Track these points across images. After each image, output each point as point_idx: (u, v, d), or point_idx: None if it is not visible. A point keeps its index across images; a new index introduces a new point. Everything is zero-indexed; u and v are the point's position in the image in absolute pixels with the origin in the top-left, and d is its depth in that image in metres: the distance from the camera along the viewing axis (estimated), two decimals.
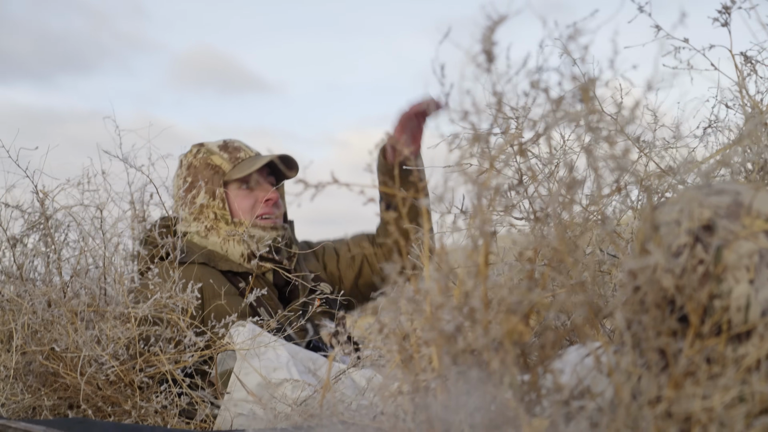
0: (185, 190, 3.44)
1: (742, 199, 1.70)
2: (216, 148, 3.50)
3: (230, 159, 3.46)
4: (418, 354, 1.79)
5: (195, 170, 3.46)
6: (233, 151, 3.49)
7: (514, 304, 1.65)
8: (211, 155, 3.47)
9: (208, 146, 3.52)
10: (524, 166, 1.84)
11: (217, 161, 3.45)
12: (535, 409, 1.66)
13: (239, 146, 3.52)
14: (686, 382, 1.59)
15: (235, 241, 3.39)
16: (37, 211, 3.14)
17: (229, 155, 3.47)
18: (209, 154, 3.48)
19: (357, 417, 2.07)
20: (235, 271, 3.37)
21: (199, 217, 3.42)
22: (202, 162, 3.46)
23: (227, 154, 3.47)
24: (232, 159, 3.46)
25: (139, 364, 2.85)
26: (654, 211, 1.71)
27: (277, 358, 2.79)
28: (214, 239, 3.40)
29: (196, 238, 3.42)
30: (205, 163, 3.46)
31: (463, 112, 1.73)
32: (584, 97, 1.72)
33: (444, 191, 1.75)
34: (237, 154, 3.48)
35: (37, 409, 2.86)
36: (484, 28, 1.68)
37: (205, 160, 3.47)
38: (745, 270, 1.64)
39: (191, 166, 3.47)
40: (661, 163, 2.64)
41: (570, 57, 1.74)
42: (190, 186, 3.44)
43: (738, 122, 2.80)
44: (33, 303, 2.90)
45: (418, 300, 1.77)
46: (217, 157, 3.46)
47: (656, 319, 1.61)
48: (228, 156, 3.47)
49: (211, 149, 3.50)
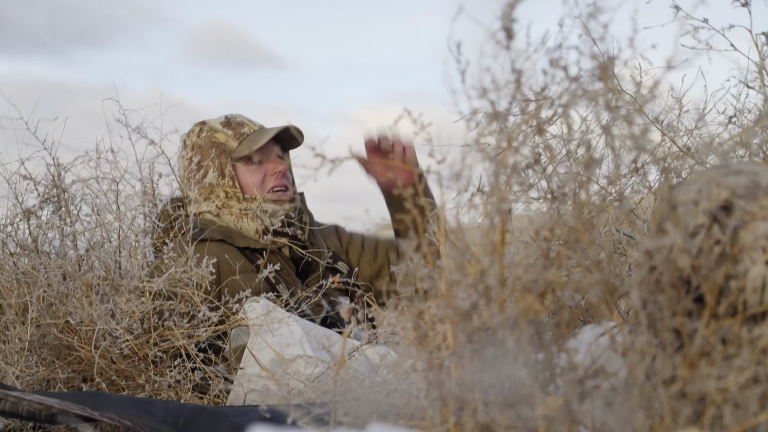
0: (190, 172, 3.42)
1: (760, 180, 1.69)
2: (219, 126, 3.47)
3: (235, 135, 3.44)
4: (432, 331, 1.79)
5: (200, 150, 3.43)
6: (237, 126, 3.47)
7: (529, 282, 1.65)
8: (215, 133, 3.45)
9: (210, 124, 3.49)
10: (542, 144, 1.83)
11: (221, 138, 3.43)
12: (549, 387, 1.67)
13: (242, 121, 3.49)
14: (701, 362, 1.59)
15: (248, 218, 3.37)
16: (52, 183, 3.15)
17: (233, 131, 3.45)
18: (213, 132, 3.46)
19: (370, 394, 2.08)
20: (252, 247, 3.36)
21: (210, 197, 3.40)
22: (206, 141, 3.44)
23: (231, 130, 3.45)
24: (236, 135, 3.44)
25: (153, 339, 2.87)
26: (671, 191, 1.70)
27: (291, 334, 2.80)
28: (227, 218, 3.39)
29: (209, 216, 3.41)
30: (210, 141, 3.44)
31: (481, 89, 1.73)
32: (603, 75, 1.71)
33: (461, 169, 1.75)
34: (241, 129, 3.46)
35: (51, 381, 2.88)
36: (504, 5, 1.67)
37: (209, 138, 3.45)
38: (761, 251, 1.63)
39: (196, 146, 3.44)
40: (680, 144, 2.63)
41: (589, 36, 1.73)
42: (198, 166, 3.42)
43: (758, 103, 2.79)
44: (48, 276, 2.91)
45: (434, 277, 1.78)
46: (222, 135, 3.44)
47: (672, 299, 1.61)
48: (232, 132, 3.44)
49: (215, 127, 3.47)
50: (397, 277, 1.89)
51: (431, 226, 1.85)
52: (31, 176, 3.18)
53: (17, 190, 3.17)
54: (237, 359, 2.89)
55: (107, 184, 3.15)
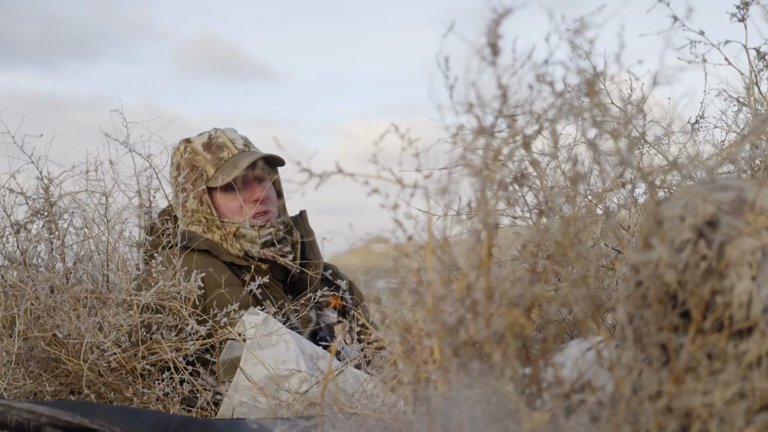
0: (176, 192, 3.41)
1: (746, 196, 1.70)
2: (200, 147, 3.44)
3: (213, 161, 3.41)
4: (419, 345, 1.79)
5: (183, 170, 3.43)
6: (216, 150, 3.43)
7: (516, 297, 1.65)
8: (195, 156, 3.43)
9: (193, 145, 3.46)
10: (528, 159, 1.83)
11: (200, 162, 3.41)
12: (535, 402, 1.67)
13: (223, 143, 3.45)
14: (687, 377, 1.59)
15: (228, 244, 3.35)
16: (41, 197, 3.15)
17: (212, 156, 3.42)
18: (194, 155, 3.44)
19: (358, 407, 2.08)
20: (237, 263, 3.35)
21: (193, 221, 3.39)
22: (188, 163, 3.43)
23: (210, 154, 3.42)
24: (214, 160, 3.41)
25: (141, 352, 2.86)
26: (658, 206, 1.71)
27: (287, 350, 2.79)
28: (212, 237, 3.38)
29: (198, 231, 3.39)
30: (191, 164, 3.42)
31: (467, 104, 1.73)
32: (590, 90, 1.72)
33: (448, 183, 1.75)
34: (220, 154, 3.42)
35: (39, 394, 2.87)
36: (490, 21, 1.68)
37: (190, 161, 3.43)
38: (747, 266, 1.64)
39: (179, 166, 3.44)
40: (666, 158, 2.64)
41: (576, 51, 1.74)
42: (181, 187, 3.40)
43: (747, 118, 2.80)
44: (36, 289, 2.91)
45: (421, 291, 1.78)
46: (201, 158, 3.42)
47: (658, 314, 1.61)
48: (211, 157, 3.41)
49: (196, 149, 3.45)
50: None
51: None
52: (21, 190, 3.18)
53: (6, 203, 3.16)
54: (226, 372, 2.89)
55: (96, 197, 3.14)
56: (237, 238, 3.34)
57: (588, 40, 1.72)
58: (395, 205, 1.81)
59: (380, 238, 1.86)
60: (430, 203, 1.80)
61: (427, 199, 1.78)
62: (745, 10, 2.50)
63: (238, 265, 3.35)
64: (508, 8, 1.66)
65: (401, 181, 1.80)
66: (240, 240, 3.34)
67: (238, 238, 3.34)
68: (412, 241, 1.83)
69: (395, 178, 1.79)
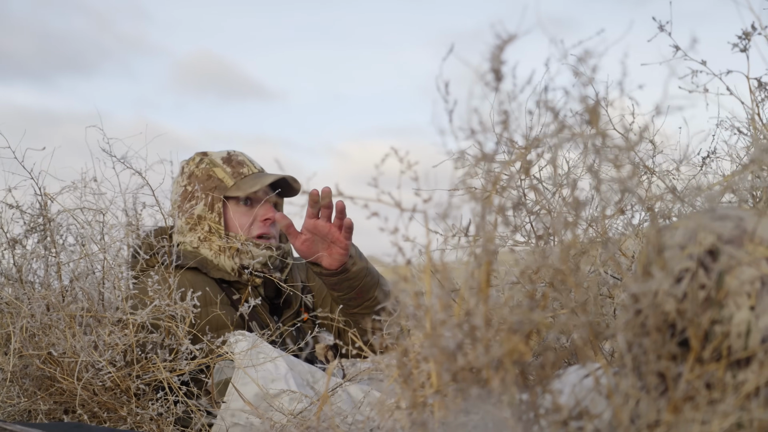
0: (183, 199, 3.41)
1: (746, 225, 1.70)
2: (219, 160, 3.45)
3: (233, 174, 3.41)
4: (417, 370, 1.79)
5: (196, 180, 3.41)
6: (237, 165, 3.44)
7: (515, 323, 1.65)
8: (213, 167, 3.42)
9: (211, 157, 3.47)
10: (528, 185, 1.83)
11: (219, 174, 3.41)
12: (533, 428, 1.66)
13: (243, 160, 3.46)
14: (685, 406, 1.58)
15: (226, 256, 3.35)
16: (38, 213, 3.14)
17: (233, 170, 3.42)
18: (212, 166, 3.43)
19: (353, 431, 2.07)
20: (227, 280, 3.35)
21: (195, 228, 3.38)
22: (204, 173, 3.42)
23: (230, 168, 3.42)
24: (234, 174, 3.41)
25: (136, 371, 2.85)
26: (658, 235, 1.71)
27: (276, 369, 2.79)
28: (206, 251, 3.37)
29: (188, 248, 3.39)
30: (207, 174, 3.42)
31: (469, 129, 1.73)
32: (592, 118, 1.72)
33: (448, 209, 1.75)
34: (240, 169, 3.43)
35: (33, 413, 2.86)
36: (493, 47, 1.68)
37: (207, 171, 3.42)
38: (746, 296, 1.64)
39: (192, 175, 3.43)
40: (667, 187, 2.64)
41: (578, 78, 1.74)
42: (190, 195, 3.40)
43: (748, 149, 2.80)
44: (32, 306, 2.90)
45: (419, 316, 1.77)
46: (220, 170, 3.42)
47: (657, 343, 1.61)
48: (231, 170, 3.41)
49: (215, 161, 3.45)
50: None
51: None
52: (18, 205, 3.17)
53: (3, 218, 3.15)
54: (220, 393, 2.88)
55: (92, 214, 3.14)
56: (238, 252, 3.34)
57: (590, 67, 1.73)
58: (395, 228, 1.81)
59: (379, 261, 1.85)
60: (430, 227, 1.80)
61: (426, 223, 1.78)
62: (747, 40, 2.50)
63: (227, 282, 3.35)
64: (513, 34, 1.67)
65: (400, 205, 1.79)
66: (240, 254, 3.34)
67: (239, 252, 3.34)
68: (411, 264, 1.82)
69: (394, 202, 1.79)
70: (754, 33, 2.50)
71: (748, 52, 2.56)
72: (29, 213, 3.15)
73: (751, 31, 2.48)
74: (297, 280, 3.53)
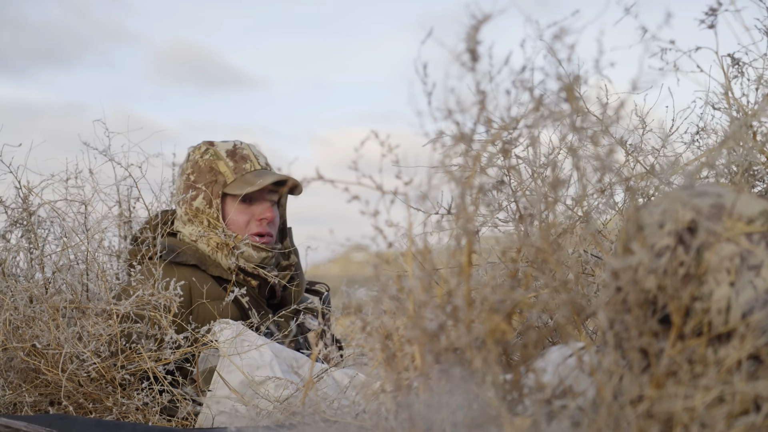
0: (186, 188, 3.39)
1: (724, 202, 1.70)
2: (224, 153, 3.42)
3: (235, 169, 3.38)
4: (400, 352, 1.79)
5: (199, 170, 3.40)
6: (240, 160, 3.41)
7: (496, 303, 1.65)
8: (217, 160, 3.40)
9: (216, 148, 3.44)
10: (508, 165, 1.84)
11: (221, 168, 3.38)
12: (517, 407, 1.67)
13: (247, 155, 3.43)
14: (668, 382, 1.59)
15: (223, 254, 3.34)
16: (20, 207, 3.13)
17: (235, 164, 3.39)
18: (216, 158, 3.40)
19: (339, 415, 2.07)
20: (225, 277, 3.33)
21: (194, 220, 3.37)
22: (207, 164, 3.40)
23: (233, 162, 3.39)
24: (237, 169, 3.39)
25: (121, 361, 2.85)
26: (637, 212, 1.71)
27: (261, 356, 2.79)
28: (203, 247, 3.35)
29: (187, 240, 3.37)
30: (210, 166, 3.39)
31: (447, 110, 1.73)
32: (569, 96, 1.72)
33: (428, 190, 1.75)
34: (243, 164, 3.40)
35: (18, 405, 2.85)
36: (469, 27, 1.68)
37: (210, 163, 3.40)
38: (726, 272, 1.64)
39: (196, 165, 3.41)
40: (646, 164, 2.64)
41: (555, 57, 1.74)
42: (192, 185, 3.38)
43: (723, 125, 2.81)
44: (15, 299, 2.89)
45: (401, 298, 1.77)
46: (223, 164, 3.39)
47: (638, 320, 1.61)
48: (233, 165, 3.39)
49: (219, 153, 3.42)
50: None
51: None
52: (2, 200, 3.16)
53: None
54: (206, 381, 2.88)
55: (75, 206, 3.13)
56: (233, 251, 3.32)
57: (567, 45, 1.73)
58: (375, 212, 1.81)
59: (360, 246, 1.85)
60: (411, 210, 1.80)
61: (407, 206, 1.78)
62: (714, 17, 2.50)
63: (226, 279, 3.33)
64: (488, 14, 1.67)
65: (381, 188, 1.79)
66: (236, 254, 3.32)
67: (235, 252, 3.32)
68: (393, 248, 1.83)
69: (375, 185, 1.79)
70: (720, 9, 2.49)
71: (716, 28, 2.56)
72: (11, 207, 3.15)
73: (717, 7, 2.48)
74: (302, 279, 3.52)
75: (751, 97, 2.78)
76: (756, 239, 1.68)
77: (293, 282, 3.46)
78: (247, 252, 3.33)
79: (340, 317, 3.47)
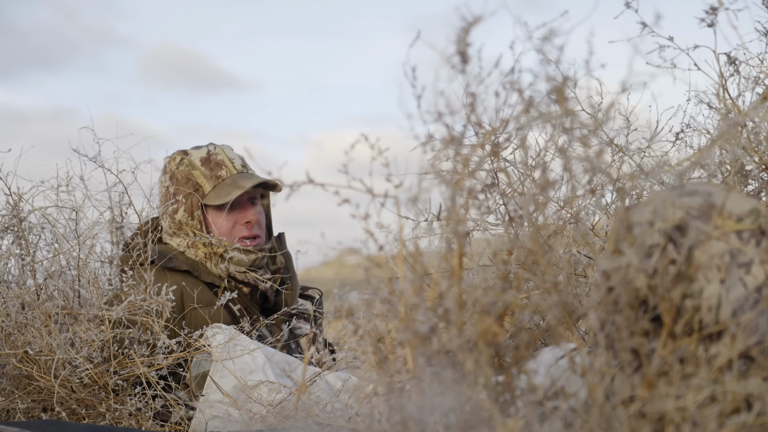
0: (165, 201, 3.36)
1: (714, 200, 1.71)
2: (198, 162, 3.38)
3: (211, 177, 3.34)
4: (392, 355, 1.79)
5: (176, 181, 3.35)
6: (215, 167, 3.36)
7: (488, 305, 1.65)
8: (192, 170, 3.36)
9: (191, 158, 3.40)
10: (498, 167, 1.84)
11: (197, 178, 3.34)
12: (509, 409, 1.67)
13: (221, 160, 3.39)
14: (659, 382, 1.59)
15: (212, 263, 3.31)
16: (10, 213, 3.12)
17: (210, 172, 3.35)
18: (191, 168, 3.36)
19: (332, 418, 2.07)
20: (217, 284, 3.31)
21: (179, 233, 3.35)
22: (183, 175, 3.36)
23: (208, 170, 3.35)
24: (212, 177, 3.34)
25: (113, 367, 2.84)
26: (627, 212, 1.71)
27: (254, 360, 2.78)
28: (192, 257, 3.33)
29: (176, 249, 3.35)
30: (186, 177, 3.35)
31: (437, 113, 1.73)
32: (559, 97, 1.72)
33: (418, 193, 1.75)
34: (218, 171, 3.36)
35: (11, 411, 2.85)
36: (459, 29, 1.68)
37: (186, 174, 3.36)
38: (716, 270, 1.65)
39: (173, 177, 3.37)
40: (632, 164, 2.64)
41: (545, 58, 1.74)
42: (171, 197, 3.35)
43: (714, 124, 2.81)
44: (6, 305, 2.88)
45: (393, 301, 1.77)
46: (198, 174, 3.35)
47: (629, 320, 1.62)
48: (209, 173, 3.35)
49: (194, 162, 3.37)
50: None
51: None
52: None
53: None
54: (198, 386, 2.87)
55: (66, 212, 3.12)
56: (223, 258, 3.30)
57: (557, 46, 1.73)
58: (366, 215, 1.81)
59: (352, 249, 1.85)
60: (402, 212, 1.80)
61: (398, 209, 1.78)
62: (714, 15, 2.50)
63: (218, 286, 3.32)
64: (478, 16, 1.67)
65: (372, 191, 1.79)
66: (225, 261, 3.30)
67: (224, 259, 3.30)
68: (384, 250, 1.82)
69: (366, 188, 1.79)
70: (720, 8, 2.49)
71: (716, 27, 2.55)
72: (1, 213, 3.14)
73: (717, 6, 2.48)
74: (295, 284, 3.50)
75: (746, 97, 2.77)
76: (746, 237, 1.68)
77: (285, 286, 3.45)
78: (237, 257, 3.30)
79: (333, 321, 3.48)
